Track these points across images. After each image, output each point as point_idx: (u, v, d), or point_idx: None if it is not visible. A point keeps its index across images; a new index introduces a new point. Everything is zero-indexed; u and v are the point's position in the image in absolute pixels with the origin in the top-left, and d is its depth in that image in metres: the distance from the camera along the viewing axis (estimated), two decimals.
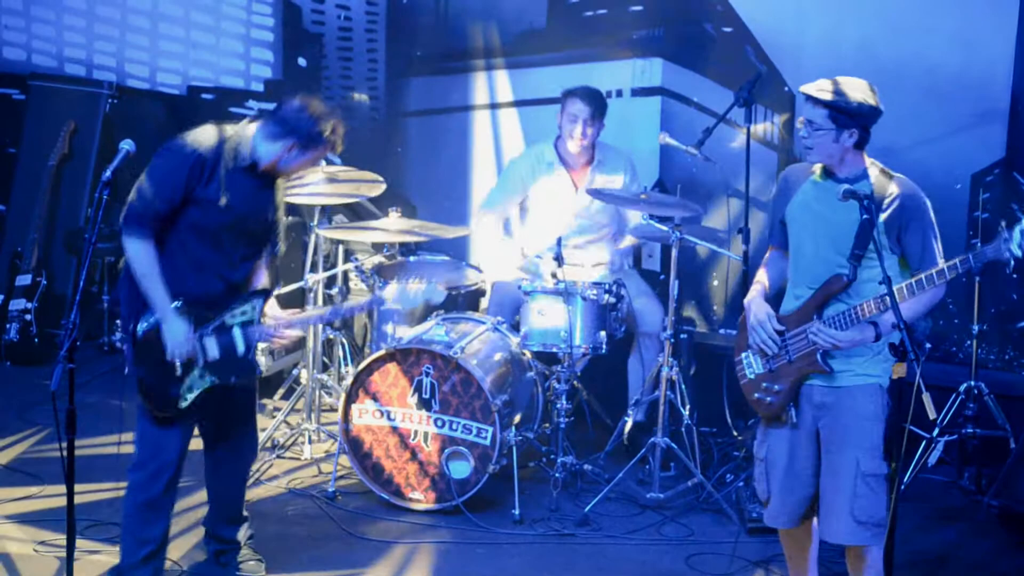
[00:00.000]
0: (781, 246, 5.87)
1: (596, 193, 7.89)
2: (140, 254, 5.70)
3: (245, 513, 6.46)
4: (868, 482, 5.58)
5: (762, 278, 5.89)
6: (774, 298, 5.82)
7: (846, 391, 5.61)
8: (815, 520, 5.86)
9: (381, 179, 8.03)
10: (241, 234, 5.84)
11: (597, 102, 8.07)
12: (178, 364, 5.72)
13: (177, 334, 5.69)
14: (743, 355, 5.86)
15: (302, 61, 9.74)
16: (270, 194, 5.94)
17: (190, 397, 5.77)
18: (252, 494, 7.40)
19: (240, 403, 6.14)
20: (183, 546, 6.62)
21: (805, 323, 5.65)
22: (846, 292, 5.56)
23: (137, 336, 5.72)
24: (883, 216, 5.54)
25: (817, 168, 5.66)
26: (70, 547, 5.30)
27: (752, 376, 5.84)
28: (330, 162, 8.06)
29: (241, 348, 5.69)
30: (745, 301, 5.87)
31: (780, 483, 5.82)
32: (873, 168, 5.61)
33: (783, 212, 5.78)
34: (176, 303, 5.63)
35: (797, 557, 6.07)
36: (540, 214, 8.31)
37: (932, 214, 5.60)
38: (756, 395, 5.82)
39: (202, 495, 6.56)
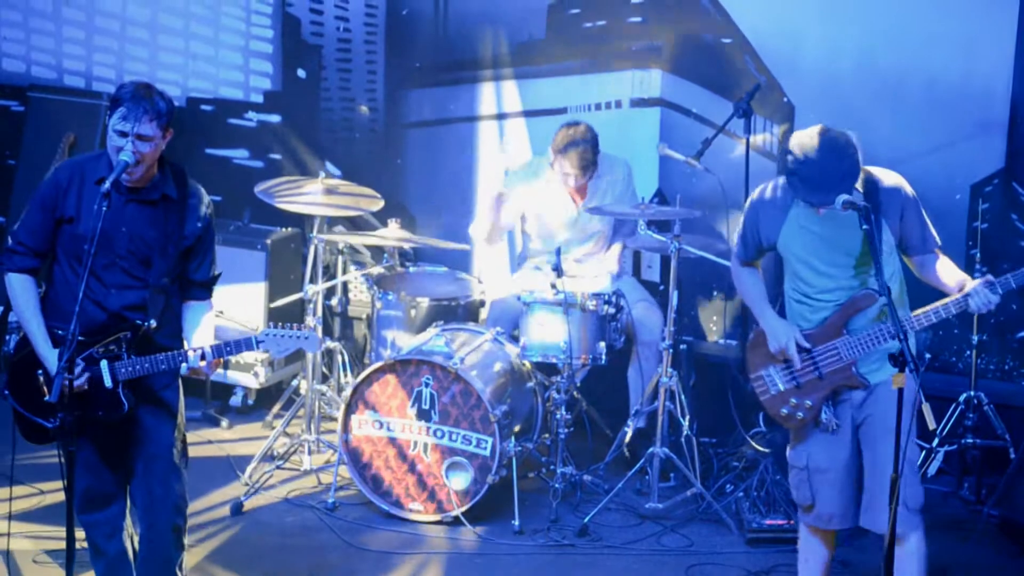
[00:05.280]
0: (755, 260, 5.97)
1: (598, 210, 7.89)
2: (8, 288, 5.62)
3: None
4: (912, 468, 5.71)
5: (759, 297, 5.96)
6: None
7: (881, 386, 5.64)
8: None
9: (379, 196, 8.02)
10: (106, 254, 5.50)
11: (587, 164, 7.99)
12: (46, 391, 5.45)
13: (50, 364, 5.47)
14: (763, 372, 5.89)
15: (301, 72, 9.74)
16: (149, 212, 5.57)
17: (55, 425, 5.28)
18: (252, 504, 7.41)
19: (151, 446, 5.71)
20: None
21: (833, 339, 5.69)
22: (875, 307, 5.60)
23: (9, 358, 5.66)
24: (882, 211, 5.60)
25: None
26: (69, 554, 5.29)
27: (775, 392, 5.86)
28: (330, 175, 8.08)
29: (107, 382, 5.50)
30: (762, 323, 5.89)
31: (830, 488, 5.87)
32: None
33: (773, 239, 5.79)
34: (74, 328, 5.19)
35: (813, 561, 6.06)
36: (540, 230, 8.30)
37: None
38: (784, 410, 5.86)
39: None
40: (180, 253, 5.59)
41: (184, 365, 5.45)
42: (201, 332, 5.64)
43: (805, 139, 5.49)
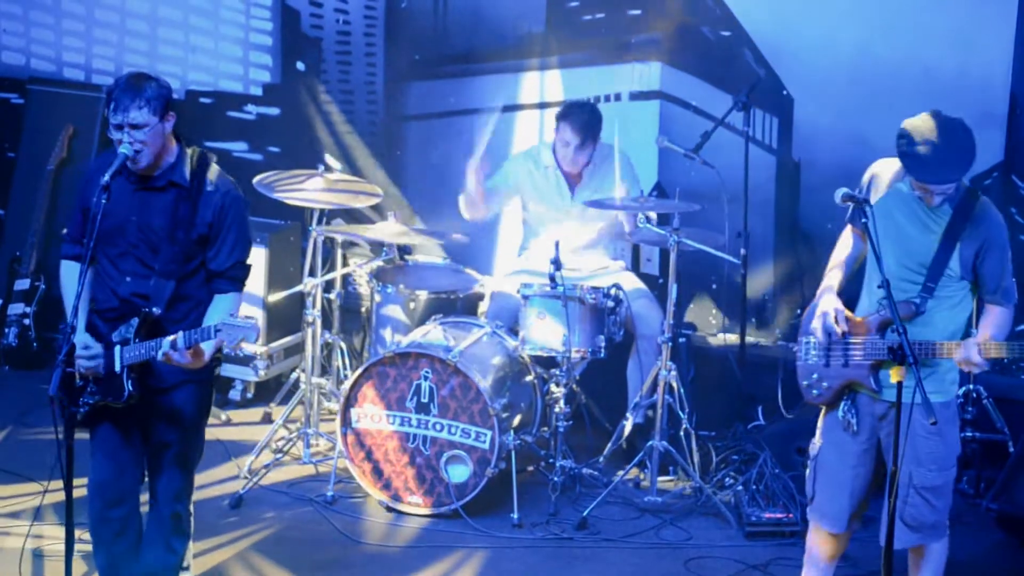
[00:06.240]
0: (863, 230, 5.86)
1: (596, 204, 7.89)
2: (60, 273, 5.78)
3: None
4: (922, 494, 5.68)
5: (839, 264, 5.91)
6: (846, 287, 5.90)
7: (904, 408, 5.60)
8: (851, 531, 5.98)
9: (378, 190, 8.03)
10: (120, 243, 5.60)
11: (588, 129, 8.03)
12: (78, 375, 5.51)
13: (78, 347, 5.52)
14: (804, 338, 5.89)
15: (301, 65, 9.73)
16: (157, 199, 5.61)
17: (83, 412, 5.55)
18: (250, 497, 7.41)
19: (159, 436, 5.76)
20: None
21: (868, 334, 5.67)
22: (911, 322, 5.56)
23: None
24: (963, 236, 5.58)
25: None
26: (68, 550, 5.29)
27: (804, 361, 5.87)
28: (329, 168, 8.05)
29: (117, 367, 5.52)
30: (820, 289, 5.88)
31: (827, 486, 5.89)
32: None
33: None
34: (72, 321, 5.38)
35: (820, 559, 6.06)
36: (537, 218, 8.31)
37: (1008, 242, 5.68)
38: (805, 382, 5.89)
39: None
40: (194, 241, 5.61)
41: (159, 352, 5.44)
42: (210, 321, 5.60)
43: (923, 120, 5.48)
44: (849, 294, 5.86)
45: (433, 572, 6.78)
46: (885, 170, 5.75)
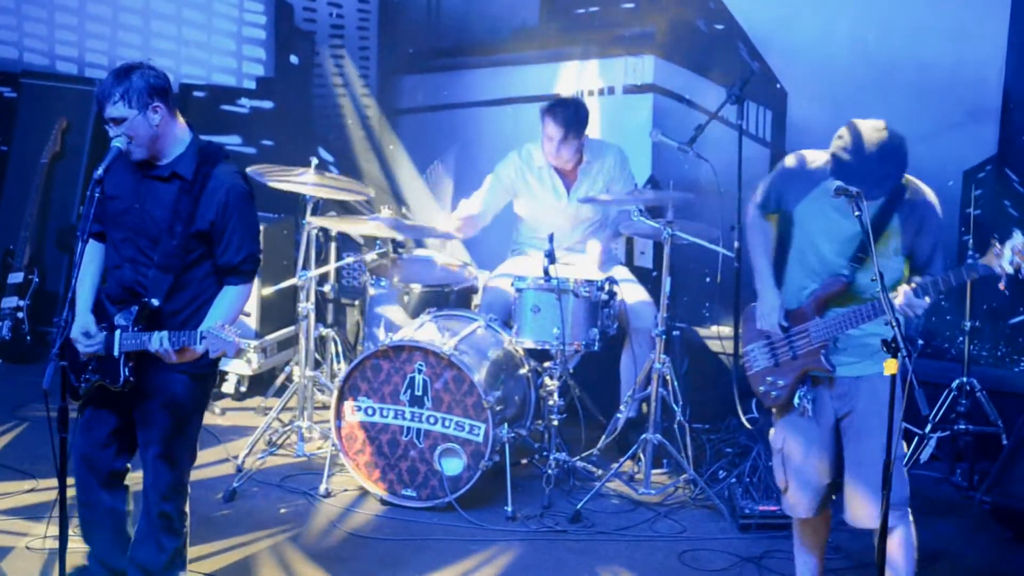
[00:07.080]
0: (772, 215, 5.92)
1: (590, 200, 7.88)
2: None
3: None
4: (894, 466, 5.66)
5: (764, 258, 5.93)
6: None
7: (866, 380, 5.67)
8: (830, 511, 6.00)
9: (369, 191, 8.05)
10: (122, 228, 5.63)
11: (570, 123, 8.00)
12: (81, 354, 5.59)
13: (76, 327, 5.57)
14: (750, 347, 5.94)
15: (294, 59, 9.73)
16: (160, 189, 5.60)
17: (84, 388, 5.63)
18: (244, 490, 7.41)
19: (147, 429, 5.77)
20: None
21: (807, 321, 5.70)
22: (845, 293, 5.60)
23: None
24: (901, 218, 5.63)
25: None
26: (62, 543, 5.30)
27: (757, 368, 5.90)
28: (324, 166, 8.05)
29: (115, 351, 5.54)
30: (758, 284, 5.92)
31: (797, 474, 5.91)
32: None
33: (792, 206, 5.79)
34: (66, 315, 5.46)
35: (809, 546, 6.09)
36: (532, 217, 8.29)
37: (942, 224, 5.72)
38: (761, 387, 5.92)
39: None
40: (192, 235, 5.58)
41: (150, 346, 5.47)
42: (211, 315, 5.60)
43: (861, 130, 5.49)
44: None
45: (427, 565, 6.77)
46: (814, 164, 5.77)
